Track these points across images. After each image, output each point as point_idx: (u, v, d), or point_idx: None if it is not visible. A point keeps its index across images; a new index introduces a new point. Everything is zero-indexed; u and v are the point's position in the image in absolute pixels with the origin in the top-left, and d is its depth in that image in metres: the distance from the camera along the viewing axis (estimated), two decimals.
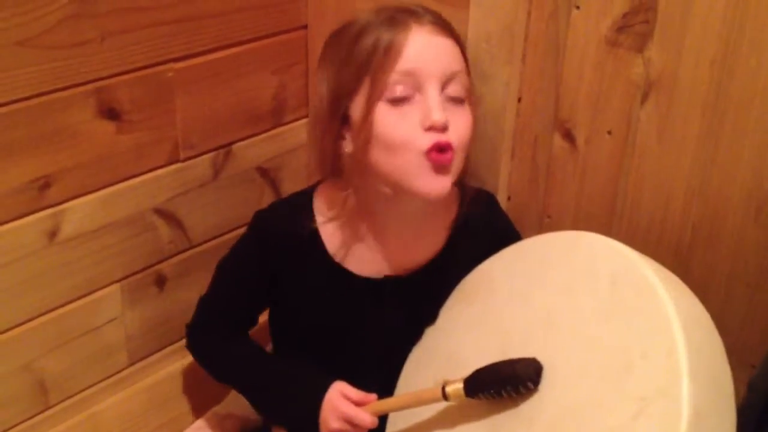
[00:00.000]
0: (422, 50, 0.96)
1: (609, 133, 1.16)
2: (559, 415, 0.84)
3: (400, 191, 1.00)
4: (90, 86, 1.08)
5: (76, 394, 1.21)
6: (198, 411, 1.37)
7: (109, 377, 1.25)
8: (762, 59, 1.00)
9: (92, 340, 1.20)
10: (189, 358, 1.34)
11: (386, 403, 1.02)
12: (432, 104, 0.95)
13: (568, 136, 1.20)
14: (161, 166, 1.21)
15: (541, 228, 1.28)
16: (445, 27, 0.99)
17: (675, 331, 0.77)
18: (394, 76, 0.95)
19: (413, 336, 1.12)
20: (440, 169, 0.96)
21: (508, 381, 0.88)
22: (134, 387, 1.28)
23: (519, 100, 1.21)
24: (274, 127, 1.37)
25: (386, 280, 1.09)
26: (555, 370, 0.88)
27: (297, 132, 1.41)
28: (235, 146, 1.31)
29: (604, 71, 1.13)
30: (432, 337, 1.11)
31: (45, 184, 1.08)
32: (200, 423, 1.35)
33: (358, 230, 1.07)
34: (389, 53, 0.95)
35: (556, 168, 1.23)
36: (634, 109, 1.12)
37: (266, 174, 1.38)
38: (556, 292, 0.93)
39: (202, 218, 1.30)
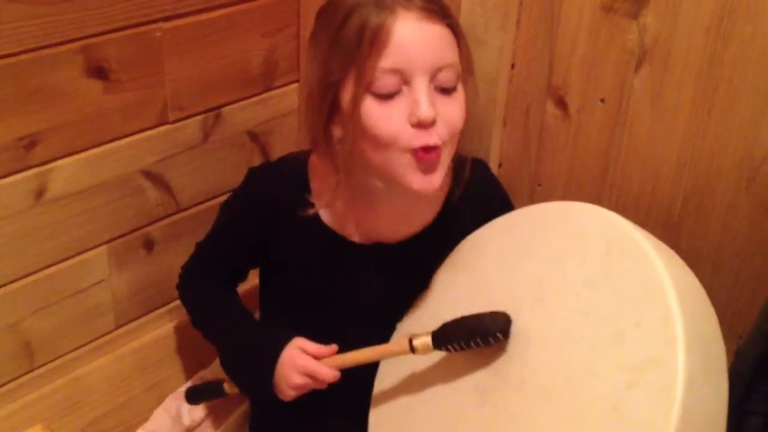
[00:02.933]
0: (409, 43, 0.92)
1: (602, 101, 1.15)
2: (551, 381, 0.84)
3: (390, 182, 0.99)
4: (78, 44, 1.06)
5: (62, 356, 1.21)
6: (184, 375, 1.37)
7: (95, 340, 1.24)
8: (757, 27, 1.00)
9: (79, 302, 1.20)
10: (176, 322, 1.34)
11: (348, 357, 1.02)
12: (420, 98, 0.92)
13: (561, 104, 1.19)
14: (150, 128, 1.20)
15: (533, 196, 1.28)
16: (435, 11, 0.94)
17: (670, 299, 0.77)
18: (379, 73, 0.92)
19: (402, 306, 1.12)
20: (428, 167, 0.95)
21: (476, 332, 0.90)
22: (120, 350, 1.28)
23: (512, 66, 1.21)
24: (264, 91, 1.35)
25: (376, 246, 1.08)
26: (546, 337, 0.88)
27: (288, 96, 1.40)
28: (224, 109, 1.30)
29: (599, 38, 1.12)
30: (420, 305, 1.11)
31: (31, 143, 1.06)
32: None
33: (351, 199, 1.06)
34: (373, 46, 0.91)
35: (548, 136, 1.23)
36: (628, 77, 1.11)
37: (256, 138, 1.37)
38: (547, 261, 0.93)
39: (191, 182, 1.29)
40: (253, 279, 1.22)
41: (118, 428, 1.30)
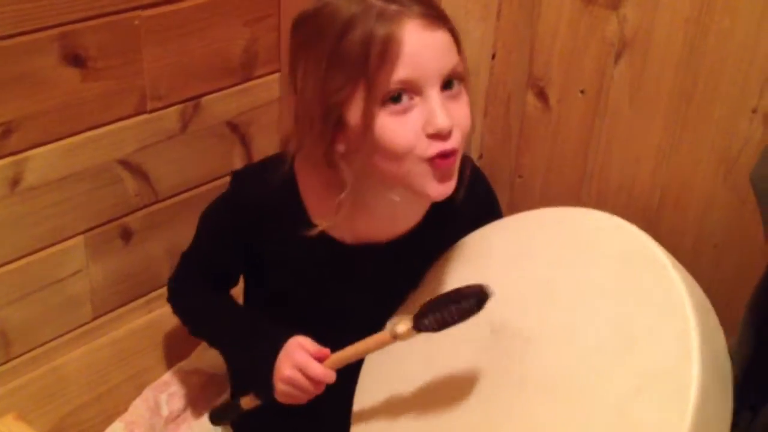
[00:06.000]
0: (419, 52, 0.90)
1: (582, 92, 1.15)
2: (553, 379, 0.84)
3: (403, 189, 0.98)
4: (54, 31, 1.05)
5: (39, 346, 1.20)
6: (163, 366, 1.36)
7: (72, 330, 1.23)
8: (735, 19, 1.00)
9: (56, 292, 1.19)
10: (154, 313, 1.33)
11: (339, 355, 1.00)
12: (435, 108, 0.91)
13: (541, 95, 1.19)
14: (128, 117, 1.19)
15: (513, 188, 1.28)
16: (436, 17, 0.92)
17: (688, 313, 0.77)
18: (392, 85, 0.90)
19: (388, 306, 1.10)
20: (445, 174, 0.95)
21: (451, 301, 0.87)
22: (98, 341, 1.27)
23: (493, 56, 1.20)
24: (244, 81, 1.34)
25: (367, 246, 1.07)
26: (549, 336, 0.87)
27: (268, 87, 1.39)
28: (204, 99, 1.29)
29: (579, 29, 1.12)
30: (417, 299, 1.09)
31: (6, 130, 1.05)
32: (166, 377, 1.34)
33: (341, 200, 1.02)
34: (384, 58, 0.89)
35: (529, 127, 1.23)
36: (608, 68, 1.11)
37: (236, 129, 1.36)
38: (558, 265, 0.92)
39: (170, 172, 1.28)
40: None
41: (97, 418, 1.29)
